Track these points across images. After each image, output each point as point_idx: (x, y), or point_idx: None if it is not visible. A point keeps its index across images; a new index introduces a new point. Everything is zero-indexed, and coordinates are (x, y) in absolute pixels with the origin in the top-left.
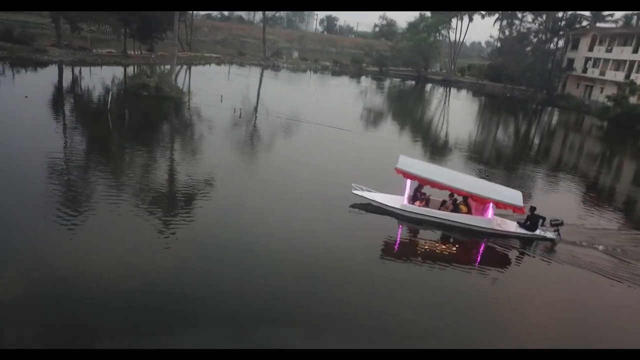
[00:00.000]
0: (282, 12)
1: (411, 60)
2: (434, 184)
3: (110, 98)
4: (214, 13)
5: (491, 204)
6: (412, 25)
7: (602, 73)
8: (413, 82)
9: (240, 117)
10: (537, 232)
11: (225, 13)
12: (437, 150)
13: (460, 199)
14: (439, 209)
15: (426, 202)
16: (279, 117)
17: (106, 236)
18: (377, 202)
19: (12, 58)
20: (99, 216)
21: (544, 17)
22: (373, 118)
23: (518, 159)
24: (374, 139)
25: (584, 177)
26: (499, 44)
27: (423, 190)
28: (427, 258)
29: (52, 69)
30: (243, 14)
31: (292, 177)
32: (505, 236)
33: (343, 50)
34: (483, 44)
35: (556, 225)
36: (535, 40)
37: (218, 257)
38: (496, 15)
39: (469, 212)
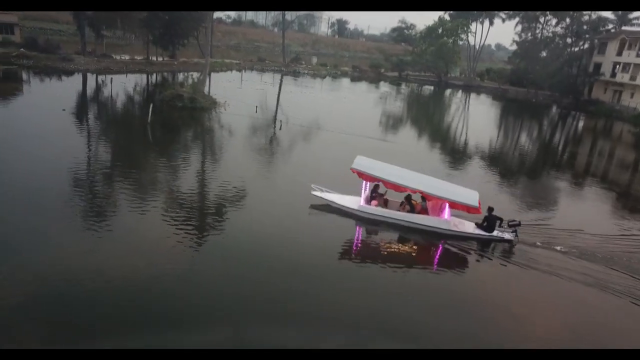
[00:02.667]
0: (293, 16)
1: (433, 65)
2: (389, 184)
3: (150, 111)
4: (224, 17)
5: (447, 205)
6: (430, 29)
7: (633, 78)
8: (432, 87)
9: (280, 129)
10: (495, 233)
11: (232, 15)
12: (456, 156)
13: (418, 199)
14: (398, 210)
15: (385, 202)
16: (317, 128)
17: (138, 238)
18: (335, 203)
19: (39, 67)
20: (141, 222)
21: (568, 20)
22: (400, 124)
23: (546, 166)
24: (403, 147)
25: (614, 185)
26: (515, 47)
27: (380, 191)
28: (383, 259)
29: (79, 78)
30: (253, 17)
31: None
32: (463, 237)
33: (355, 54)
34: (493, 47)
35: (514, 226)
36: (560, 44)
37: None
38: (516, 19)
39: (426, 212)
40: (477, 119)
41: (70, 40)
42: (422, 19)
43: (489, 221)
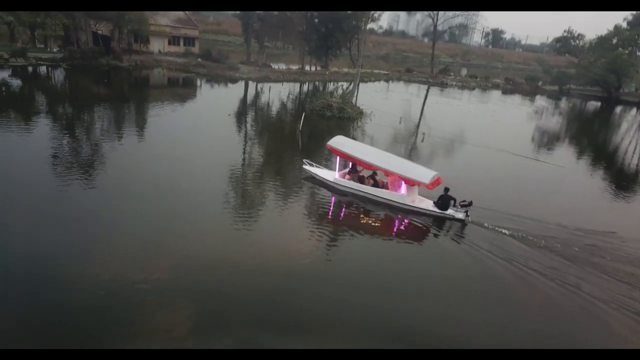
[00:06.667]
0: (445, 26)
1: (602, 78)
2: (355, 160)
3: (301, 120)
4: (376, 28)
5: (403, 181)
6: (602, 39)
7: None
8: (598, 104)
9: (422, 141)
10: (449, 212)
11: (384, 25)
12: (623, 182)
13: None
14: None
15: (361, 178)
16: (460, 142)
17: (274, 237)
18: (318, 175)
19: (211, 75)
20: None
21: None
22: (557, 143)
23: None
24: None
25: None
26: None
27: (358, 168)
28: (348, 226)
29: (241, 85)
30: (404, 27)
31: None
32: (419, 213)
33: (510, 65)
34: None
35: (464, 206)
36: None
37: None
38: None
39: (387, 187)
40: None
41: (236, 51)
42: (593, 29)
43: (443, 200)
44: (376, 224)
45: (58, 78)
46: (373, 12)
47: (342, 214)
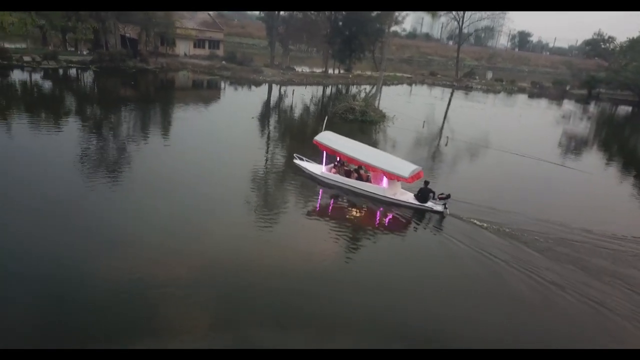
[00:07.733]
0: (471, 29)
1: (634, 82)
2: (340, 155)
3: (324, 123)
4: (400, 31)
5: (384, 175)
6: (634, 42)
7: None
8: (629, 108)
9: (446, 145)
10: (429, 204)
11: (408, 28)
12: None
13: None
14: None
15: (347, 172)
16: (485, 147)
17: (293, 239)
18: (306, 169)
19: (235, 78)
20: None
21: None
22: (584, 148)
23: None
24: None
25: None
26: None
27: (345, 162)
28: (335, 218)
29: (265, 88)
30: (428, 30)
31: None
32: (400, 205)
33: (536, 69)
34: None
35: (442, 199)
36: None
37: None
38: None
39: (370, 181)
40: None
41: (260, 53)
42: (624, 31)
43: (423, 193)
44: (359, 216)
45: (87, 80)
46: (397, 14)
47: (330, 207)
